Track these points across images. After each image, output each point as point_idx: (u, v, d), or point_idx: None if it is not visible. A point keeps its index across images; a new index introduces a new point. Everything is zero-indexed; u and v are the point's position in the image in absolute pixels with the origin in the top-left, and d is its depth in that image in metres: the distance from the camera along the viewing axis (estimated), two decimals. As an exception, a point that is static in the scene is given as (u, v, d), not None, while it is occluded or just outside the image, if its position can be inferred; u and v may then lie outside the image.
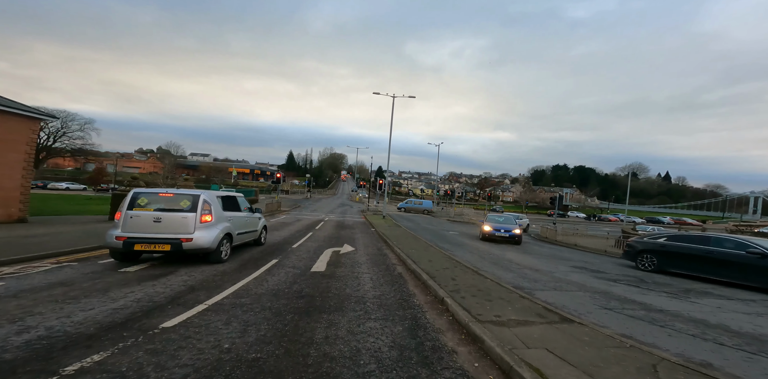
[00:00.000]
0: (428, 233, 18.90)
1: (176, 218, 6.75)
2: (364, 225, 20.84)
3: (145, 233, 6.56)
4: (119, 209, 6.78)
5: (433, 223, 27.88)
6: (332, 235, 14.68)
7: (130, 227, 6.58)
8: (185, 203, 6.94)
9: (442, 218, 34.62)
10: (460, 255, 11.59)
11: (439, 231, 21.00)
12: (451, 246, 14.26)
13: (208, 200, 7.19)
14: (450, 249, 12.93)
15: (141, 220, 6.62)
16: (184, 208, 6.90)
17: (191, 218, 6.79)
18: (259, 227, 10.38)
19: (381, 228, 18.17)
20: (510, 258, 12.09)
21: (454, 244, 15.26)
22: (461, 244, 15.53)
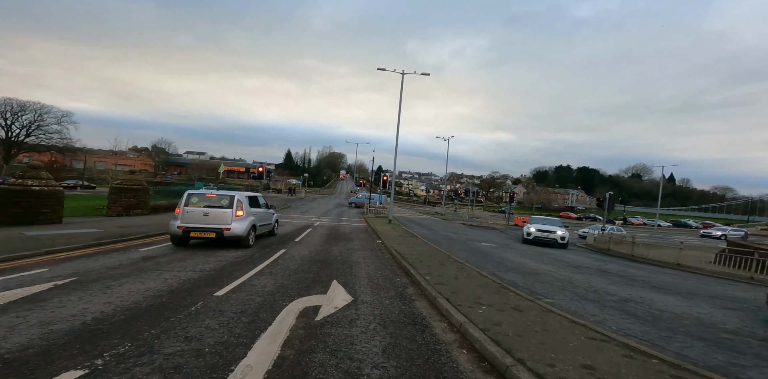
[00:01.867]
0: (458, 247, 13.60)
1: (219, 213, 8.63)
2: (365, 233, 15.50)
3: (198, 224, 8.48)
4: (178, 205, 8.67)
5: (448, 228, 22.60)
6: (316, 255, 9.27)
7: (186, 219, 8.47)
8: (225, 202, 8.82)
9: (455, 222, 29.35)
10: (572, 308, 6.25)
11: (465, 241, 15.70)
12: (522, 277, 8.76)
13: (240, 199, 9.08)
14: (540, 292, 7.49)
15: (194, 214, 8.52)
16: (224, 205, 8.75)
17: (229, 213, 8.68)
18: (273, 221, 11.99)
19: (391, 239, 12.85)
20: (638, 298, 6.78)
21: (523, 272, 9.80)
22: (531, 270, 10.17)
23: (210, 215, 8.53)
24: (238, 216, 8.79)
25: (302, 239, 12.29)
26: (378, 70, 23.07)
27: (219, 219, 8.56)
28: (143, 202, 17.61)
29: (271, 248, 9.81)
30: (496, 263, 10.13)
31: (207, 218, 8.51)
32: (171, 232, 8.49)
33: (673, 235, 38.12)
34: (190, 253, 8.15)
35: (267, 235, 11.92)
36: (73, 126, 58.39)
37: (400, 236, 14.06)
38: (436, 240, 14.66)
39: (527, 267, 10.04)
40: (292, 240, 11.73)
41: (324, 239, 12.46)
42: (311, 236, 13.32)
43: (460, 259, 9.59)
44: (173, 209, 21.67)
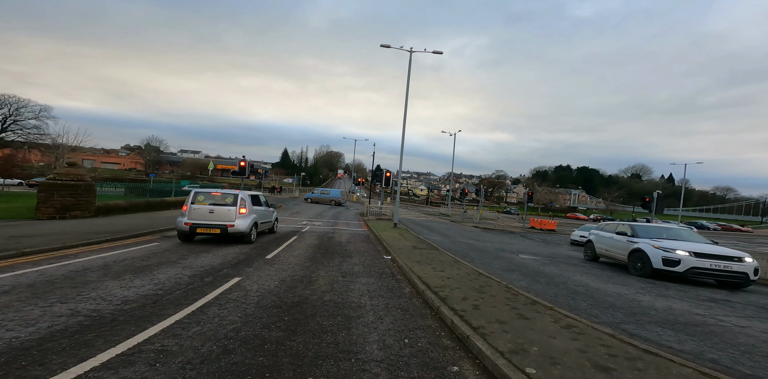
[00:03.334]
0: (497, 263, 9.81)
1: (223, 210, 8.99)
2: (367, 243, 11.72)
3: (203, 220, 8.85)
4: (185, 203, 9.05)
5: (463, 232, 18.85)
6: (287, 293, 5.46)
7: (193, 216, 8.87)
8: (229, 200, 9.21)
9: (465, 224, 25.62)
10: None
11: (498, 253, 11.92)
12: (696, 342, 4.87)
13: (244, 197, 9.45)
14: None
15: (200, 211, 8.90)
16: (228, 203, 9.13)
17: (233, 210, 9.04)
18: (273, 219, 12.12)
19: (404, 254, 9.11)
20: None
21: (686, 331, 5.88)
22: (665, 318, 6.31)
23: (215, 212, 8.95)
24: (241, 213, 9.17)
25: (278, 254, 8.47)
26: (382, 47, 19.42)
27: (223, 216, 8.95)
28: (85, 201, 13.71)
29: (222, 273, 5.98)
30: (592, 301, 6.16)
31: (212, 215, 8.93)
32: (178, 228, 8.91)
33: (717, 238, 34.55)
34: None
35: (267, 232, 11.95)
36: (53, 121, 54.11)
37: (414, 248, 10.27)
38: (461, 252, 10.88)
39: (677, 315, 6.14)
40: (261, 257, 7.90)
41: (310, 255, 8.65)
42: (294, 248, 9.50)
43: (530, 293, 5.80)
44: (134, 210, 17.51)
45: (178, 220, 8.93)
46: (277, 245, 9.82)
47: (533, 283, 7.25)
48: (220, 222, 8.84)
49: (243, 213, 9.19)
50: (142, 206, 18.03)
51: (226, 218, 8.92)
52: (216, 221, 8.85)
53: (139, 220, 13.27)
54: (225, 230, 8.80)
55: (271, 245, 9.79)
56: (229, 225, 8.84)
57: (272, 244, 9.95)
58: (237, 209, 9.07)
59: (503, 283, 6.40)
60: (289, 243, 10.29)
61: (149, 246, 8.31)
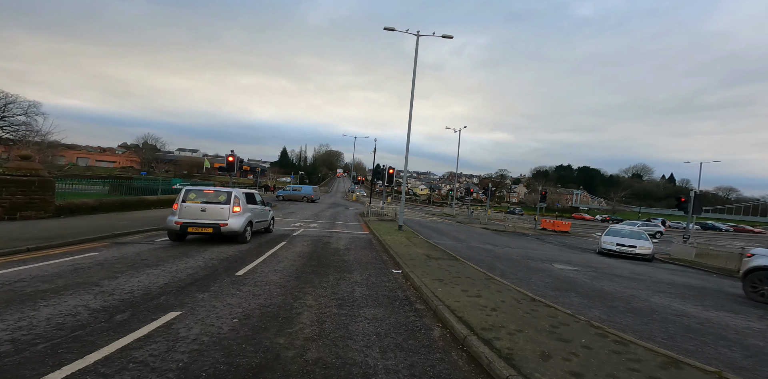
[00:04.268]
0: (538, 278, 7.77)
1: (216, 209, 8.52)
2: (370, 250, 9.68)
3: (195, 219, 8.34)
4: (176, 201, 8.57)
5: (474, 235, 16.82)
6: (258, 332, 3.59)
7: (184, 214, 8.35)
8: (222, 198, 8.72)
9: (473, 226, 23.59)
10: None
11: (527, 262, 9.85)
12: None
13: (238, 195, 8.91)
14: None
15: (192, 209, 8.41)
16: (221, 201, 8.65)
17: (226, 209, 8.55)
18: (269, 218, 11.46)
19: (417, 266, 7.09)
20: None
21: None
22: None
23: (207, 211, 8.50)
24: (235, 212, 8.70)
25: (256, 267, 6.41)
26: (385, 30, 17.40)
27: (216, 215, 8.51)
28: (40, 200, 11.65)
29: (155, 303, 3.91)
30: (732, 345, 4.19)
31: (204, 213, 8.48)
32: (168, 227, 8.36)
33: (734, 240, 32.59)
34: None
35: (264, 231, 11.35)
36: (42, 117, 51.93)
37: (428, 257, 8.23)
38: (486, 263, 8.83)
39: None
40: (229, 272, 5.83)
41: (297, 269, 6.60)
42: (278, 258, 7.45)
43: (631, 333, 3.76)
44: (106, 209, 15.32)
45: (168, 219, 8.36)
46: (256, 254, 7.75)
47: (611, 312, 5.22)
48: (212, 221, 8.36)
49: (237, 212, 8.69)
50: (116, 205, 15.94)
51: (218, 217, 8.44)
52: (208, 220, 8.36)
53: (102, 221, 11.20)
54: (218, 229, 8.32)
55: (250, 253, 7.73)
56: (222, 224, 8.35)
57: (253, 252, 7.89)
58: (230, 208, 8.56)
59: (579, 317, 4.36)
60: (274, 251, 8.23)
61: (80, 257, 6.25)
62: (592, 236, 24.40)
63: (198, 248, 7.85)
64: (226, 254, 7.42)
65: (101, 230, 8.89)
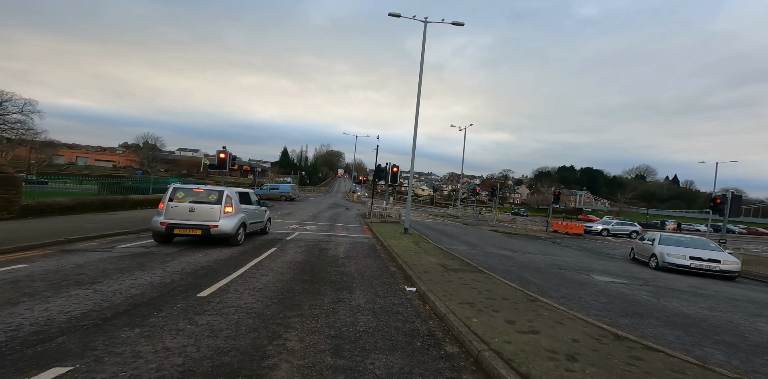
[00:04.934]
0: (591, 298, 6.26)
1: (206, 209, 7.86)
2: (374, 259, 8.22)
3: (182, 220, 7.68)
4: (162, 200, 7.86)
5: (486, 239, 15.33)
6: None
7: (170, 214, 7.69)
8: (213, 197, 8.03)
9: (482, 228, 22.09)
10: None
11: (562, 273, 8.33)
12: None
13: (230, 194, 8.22)
14: None
15: (179, 209, 7.75)
16: (212, 201, 7.98)
17: (217, 209, 7.89)
18: (265, 218, 10.70)
19: (435, 281, 5.67)
20: None
21: None
22: None
23: (197, 211, 7.84)
24: (226, 213, 8.03)
25: (229, 284, 4.93)
26: (390, 16, 16.02)
27: (206, 215, 7.85)
28: (3, 199, 10.23)
29: (44, 349, 2.42)
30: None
31: (193, 213, 7.81)
32: (153, 228, 7.75)
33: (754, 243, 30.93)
34: None
35: (259, 233, 10.67)
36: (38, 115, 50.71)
37: (445, 269, 6.74)
38: (514, 274, 7.33)
39: None
40: (189, 293, 4.35)
41: (283, 286, 5.13)
42: (262, 270, 5.97)
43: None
44: (83, 209, 13.89)
45: (153, 219, 7.76)
46: (236, 265, 6.27)
47: (735, 353, 3.74)
48: (201, 222, 7.71)
49: (228, 212, 8.03)
50: (96, 205, 14.51)
51: (208, 218, 7.80)
52: (197, 221, 7.71)
53: (69, 224, 9.77)
54: (207, 231, 7.66)
55: (228, 264, 6.26)
56: (212, 225, 7.70)
57: (232, 262, 6.42)
58: (222, 208, 7.92)
59: (718, 371, 2.85)
60: (259, 261, 6.76)
61: (1, 271, 4.79)
62: (608, 240, 22.89)
63: (164, 258, 6.38)
64: (196, 265, 5.95)
65: (58, 234, 7.45)
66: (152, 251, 6.95)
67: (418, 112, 14.67)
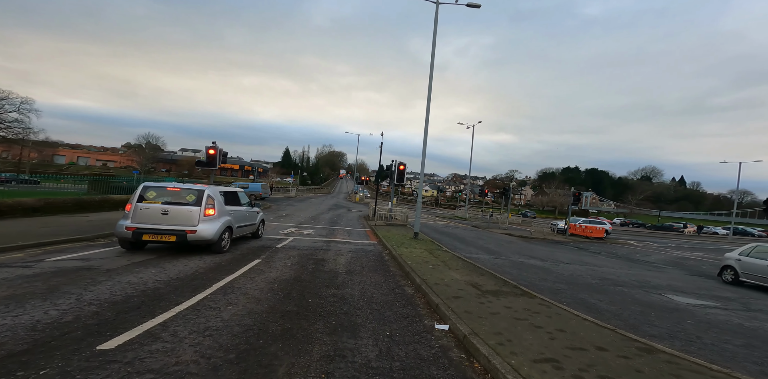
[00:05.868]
0: (703, 334, 4.36)
1: (182, 211, 6.68)
2: (381, 271, 6.49)
3: (153, 224, 6.49)
4: (129, 201, 6.72)
5: (503, 244, 13.59)
6: None
7: (139, 218, 6.52)
8: (191, 197, 6.87)
9: (494, 231, 20.32)
10: None
11: (623, 291, 6.57)
12: None
13: (212, 194, 7.06)
14: None
15: (149, 212, 6.56)
16: (190, 202, 6.82)
17: (196, 212, 6.72)
18: (257, 221, 9.55)
19: (476, 316, 3.90)
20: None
21: None
22: None
23: (171, 214, 6.61)
24: (207, 215, 6.80)
25: (169, 321, 3.20)
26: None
27: (182, 219, 6.63)
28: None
29: None
30: None
31: (166, 217, 6.57)
32: (117, 234, 6.55)
33: None
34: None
35: (251, 237, 9.38)
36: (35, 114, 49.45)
37: (477, 289, 5.00)
38: (572, 298, 5.58)
39: None
40: (94, 341, 2.60)
41: (256, 322, 3.44)
42: (230, 295, 4.26)
43: None
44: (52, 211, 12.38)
45: (118, 223, 6.59)
46: (193, 288, 4.55)
47: None
48: (176, 227, 6.55)
49: (210, 215, 6.87)
50: (69, 205, 12.88)
51: (185, 222, 6.63)
52: (171, 226, 6.55)
53: (18, 227, 8.14)
54: (183, 237, 6.49)
55: (183, 285, 4.54)
56: (189, 231, 6.54)
57: (190, 282, 4.71)
58: (201, 210, 6.77)
59: None
60: (232, 279, 5.06)
61: None
62: (628, 243, 21.04)
63: (99, 276, 4.68)
64: (137, 288, 4.25)
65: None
66: (90, 265, 5.26)
67: (429, 102, 12.95)
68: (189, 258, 6.28)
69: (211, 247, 6.95)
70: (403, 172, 17.07)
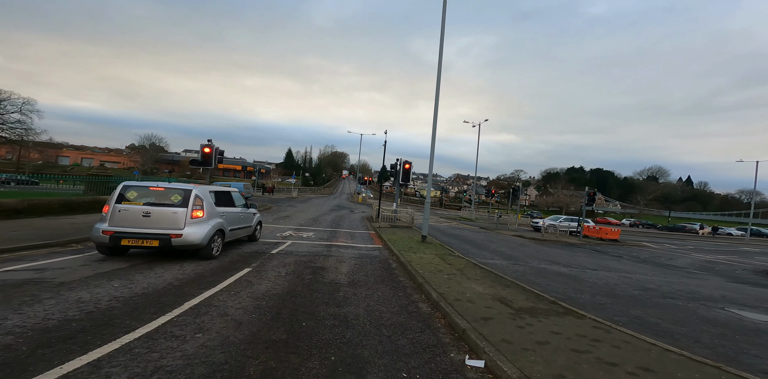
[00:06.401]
0: None
1: (166, 213, 5.98)
2: (389, 281, 5.58)
3: (133, 228, 5.81)
4: (107, 202, 6.01)
5: (518, 248, 12.63)
6: None
7: (117, 221, 5.82)
8: (176, 198, 6.15)
9: (504, 233, 19.33)
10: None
11: (698, 311, 5.53)
12: None
13: (200, 194, 6.33)
14: None
15: (129, 214, 5.87)
16: (175, 202, 6.11)
17: (182, 214, 6.01)
18: (253, 223, 8.91)
19: (521, 348, 2.93)
20: None
21: None
22: None
23: (153, 216, 5.91)
24: (195, 218, 6.11)
25: (94, 366, 2.27)
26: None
27: (166, 221, 5.93)
28: None
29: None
30: None
31: (149, 219, 5.89)
32: (94, 239, 5.83)
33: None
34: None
35: (247, 240, 8.78)
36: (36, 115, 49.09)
37: (507, 307, 4.07)
38: (617, 312, 4.63)
39: None
40: None
41: (230, 361, 2.48)
42: (204, 318, 3.35)
43: None
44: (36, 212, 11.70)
45: (95, 227, 5.85)
46: (162, 307, 3.65)
47: None
48: (159, 230, 5.86)
49: (198, 217, 6.22)
50: (55, 206, 12.11)
51: (169, 225, 5.94)
52: (154, 229, 5.86)
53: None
54: (167, 242, 5.80)
55: (147, 303, 3.65)
56: (173, 234, 5.86)
57: (156, 298, 3.82)
58: (188, 212, 6.08)
59: None
60: (211, 296, 4.17)
61: None
62: (644, 245, 19.95)
63: (44, 293, 3.81)
64: (83, 309, 3.37)
65: None
66: (41, 278, 4.39)
67: (437, 99, 12.04)
68: (167, 267, 5.41)
69: (199, 252, 6.28)
70: (409, 171, 16.15)
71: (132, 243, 5.74)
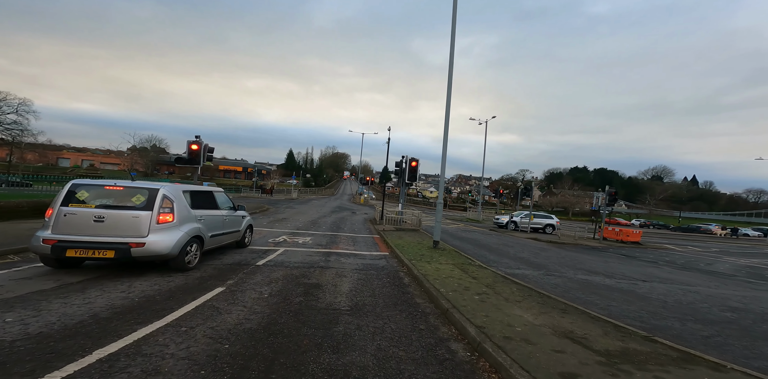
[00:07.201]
0: None
1: (125, 218, 4.85)
2: (402, 305, 4.27)
3: (82, 236, 4.68)
4: (51, 205, 4.94)
5: (540, 252, 11.28)
6: None
7: (62, 227, 4.71)
8: (138, 199, 5.03)
9: (517, 236, 17.92)
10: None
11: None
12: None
13: (170, 195, 5.23)
14: None
15: (78, 219, 4.74)
16: (137, 205, 5.00)
17: (145, 218, 4.90)
18: (242, 227, 7.73)
19: None
20: None
21: None
22: None
23: (108, 221, 4.77)
24: (162, 223, 5.02)
25: None
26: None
27: (124, 228, 4.81)
28: None
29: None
30: None
31: (102, 225, 4.74)
32: (33, 248, 4.68)
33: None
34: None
35: (235, 246, 7.68)
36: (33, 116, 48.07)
37: (584, 347, 2.69)
38: (736, 355, 3.23)
39: None
40: None
41: None
42: (135, 369, 1.98)
43: None
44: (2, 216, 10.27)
45: (35, 235, 4.66)
46: (79, 348, 2.30)
47: None
48: (115, 238, 4.65)
49: (167, 222, 5.00)
50: (24, 209, 10.83)
51: (128, 232, 4.73)
52: (108, 237, 4.64)
53: None
54: (126, 252, 4.59)
55: (65, 342, 2.31)
56: (134, 244, 4.66)
57: (94, 330, 2.48)
58: (153, 216, 4.87)
59: None
60: (159, 328, 2.81)
61: None
62: (667, 247, 18.51)
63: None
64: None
65: None
66: None
67: (450, 88, 10.71)
68: (107, 289, 4.06)
69: (170, 263, 5.23)
70: (416, 170, 14.79)
71: (80, 254, 4.60)
